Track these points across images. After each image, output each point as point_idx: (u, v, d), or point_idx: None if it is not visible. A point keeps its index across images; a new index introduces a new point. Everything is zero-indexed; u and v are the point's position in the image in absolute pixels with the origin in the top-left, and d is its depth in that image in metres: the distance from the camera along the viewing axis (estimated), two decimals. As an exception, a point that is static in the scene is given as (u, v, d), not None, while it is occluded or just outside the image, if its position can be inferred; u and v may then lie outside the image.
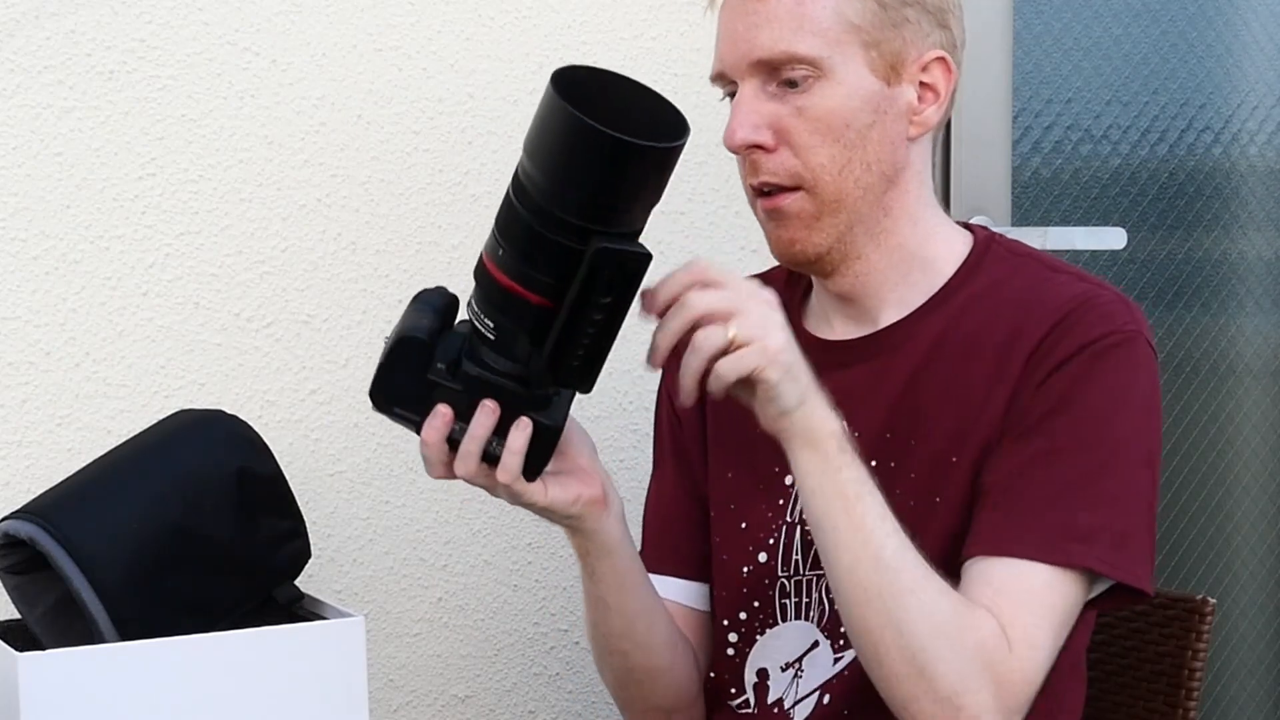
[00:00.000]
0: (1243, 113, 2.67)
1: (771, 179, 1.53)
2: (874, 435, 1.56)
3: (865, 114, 1.53)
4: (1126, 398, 1.49)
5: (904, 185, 1.56)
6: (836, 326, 1.62)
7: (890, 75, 1.54)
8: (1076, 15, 2.54)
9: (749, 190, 1.57)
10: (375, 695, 1.98)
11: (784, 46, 1.51)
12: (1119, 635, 1.80)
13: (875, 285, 1.58)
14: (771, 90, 1.53)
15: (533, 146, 1.30)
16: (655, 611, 1.61)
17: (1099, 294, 1.53)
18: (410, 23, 2.00)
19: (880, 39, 1.52)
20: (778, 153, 1.53)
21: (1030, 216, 2.50)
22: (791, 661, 1.60)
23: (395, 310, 2.01)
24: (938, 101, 1.56)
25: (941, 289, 1.58)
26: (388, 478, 2.01)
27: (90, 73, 1.85)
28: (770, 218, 1.55)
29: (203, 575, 1.63)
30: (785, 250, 1.56)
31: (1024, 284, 1.56)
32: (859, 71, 1.52)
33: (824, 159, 1.52)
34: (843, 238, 1.55)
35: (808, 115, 1.51)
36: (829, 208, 1.53)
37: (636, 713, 1.67)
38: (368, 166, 1.98)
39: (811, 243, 1.55)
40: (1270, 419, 2.74)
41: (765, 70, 1.52)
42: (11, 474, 1.83)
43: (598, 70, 1.32)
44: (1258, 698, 2.76)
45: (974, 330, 1.54)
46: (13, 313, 1.83)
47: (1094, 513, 1.46)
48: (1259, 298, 2.72)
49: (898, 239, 1.57)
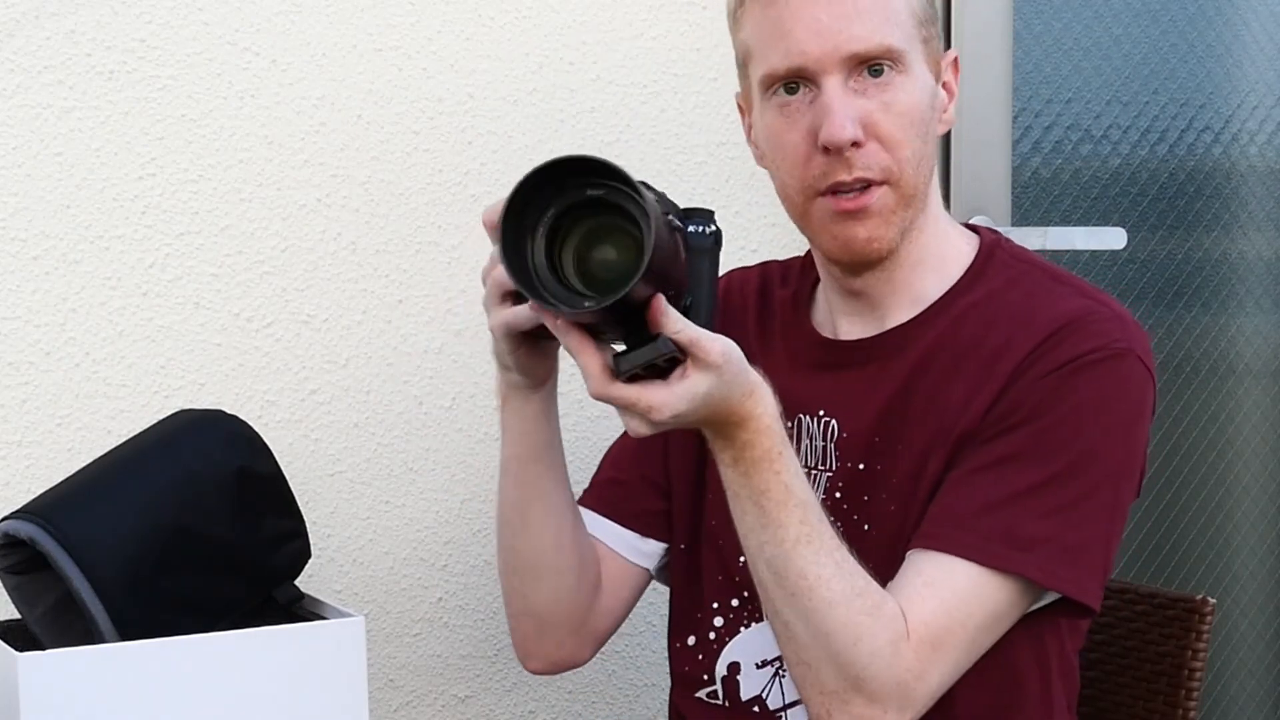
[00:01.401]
0: (1243, 113, 2.67)
1: (865, 174, 1.51)
2: (864, 439, 1.57)
3: (930, 109, 1.55)
4: (1100, 414, 1.49)
5: (934, 182, 1.59)
6: (843, 327, 1.62)
7: (936, 71, 1.56)
8: (1076, 15, 2.54)
9: (812, 189, 1.53)
10: (375, 695, 1.98)
11: (879, 39, 1.50)
12: (1119, 635, 1.80)
13: (897, 284, 1.59)
14: (854, 85, 1.51)
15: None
16: (554, 507, 1.61)
17: (1096, 310, 1.52)
18: (410, 23, 1.99)
19: (930, 35, 1.55)
20: (867, 147, 1.51)
21: (1030, 216, 2.50)
22: (770, 660, 1.60)
23: (395, 310, 2.03)
24: (953, 100, 1.60)
25: (946, 294, 1.59)
26: (388, 478, 2.01)
27: (90, 73, 1.85)
28: (848, 216, 1.53)
29: (203, 575, 1.63)
30: (862, 248, 1.54)
31: (1023, 295, 1.56)
32: (922, 66, 1.54)
33: (909, 153, 1.52)
34: (907, 233, 1.56)
35: (894, 110, 1.51)
36: (905, 202, 1.54)
37: (513, 609, 1.68)
38: (368, 166, 1.98)
39: (887, 239, 1.54)
40: (1270, 419, 2.74)
41: (854, 64, 1.51)
42: (11, 474, 1.83)
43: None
44: (1258, 698, 2.76)
45: (968, 340, 1.55)
46: (13, 313, 1.83)
47: (1042, 522, 1.46)
48: (1259, 298, 2.72)
49: (924, 236, 1.58)
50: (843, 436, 1.58)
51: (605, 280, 1.31)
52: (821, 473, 1.59)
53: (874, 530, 1.55)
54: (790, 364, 1.64)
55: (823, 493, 1.58)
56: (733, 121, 2.18)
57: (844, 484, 1.58)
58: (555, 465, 1.59)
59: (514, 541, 1.62)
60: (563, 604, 1.65)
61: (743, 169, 2.19)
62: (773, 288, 1.71)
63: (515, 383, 1.52)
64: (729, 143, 2.17)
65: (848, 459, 1.58)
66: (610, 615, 1.71)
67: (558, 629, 1.67)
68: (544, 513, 1.60)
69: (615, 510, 1.70)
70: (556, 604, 1.65)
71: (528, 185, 1.29)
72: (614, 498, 1.70)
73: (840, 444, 1.58)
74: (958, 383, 1.53)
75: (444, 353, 2.03)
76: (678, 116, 2.14)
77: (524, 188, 1.29)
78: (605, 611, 1.70)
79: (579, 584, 1.65)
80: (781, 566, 1.41)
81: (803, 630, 1.42)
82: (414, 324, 2.01)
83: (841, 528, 1.56)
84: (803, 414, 1.61)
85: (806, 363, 1.63)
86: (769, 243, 2.18)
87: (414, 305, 2.01)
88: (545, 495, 1.60)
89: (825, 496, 1.58)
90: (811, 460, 1.60)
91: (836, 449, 1.59)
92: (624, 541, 1.70)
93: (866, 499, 1.56)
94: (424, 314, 2.02)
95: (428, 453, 2.03)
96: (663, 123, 2.14)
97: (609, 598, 1.70)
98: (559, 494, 1.61)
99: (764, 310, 1.70)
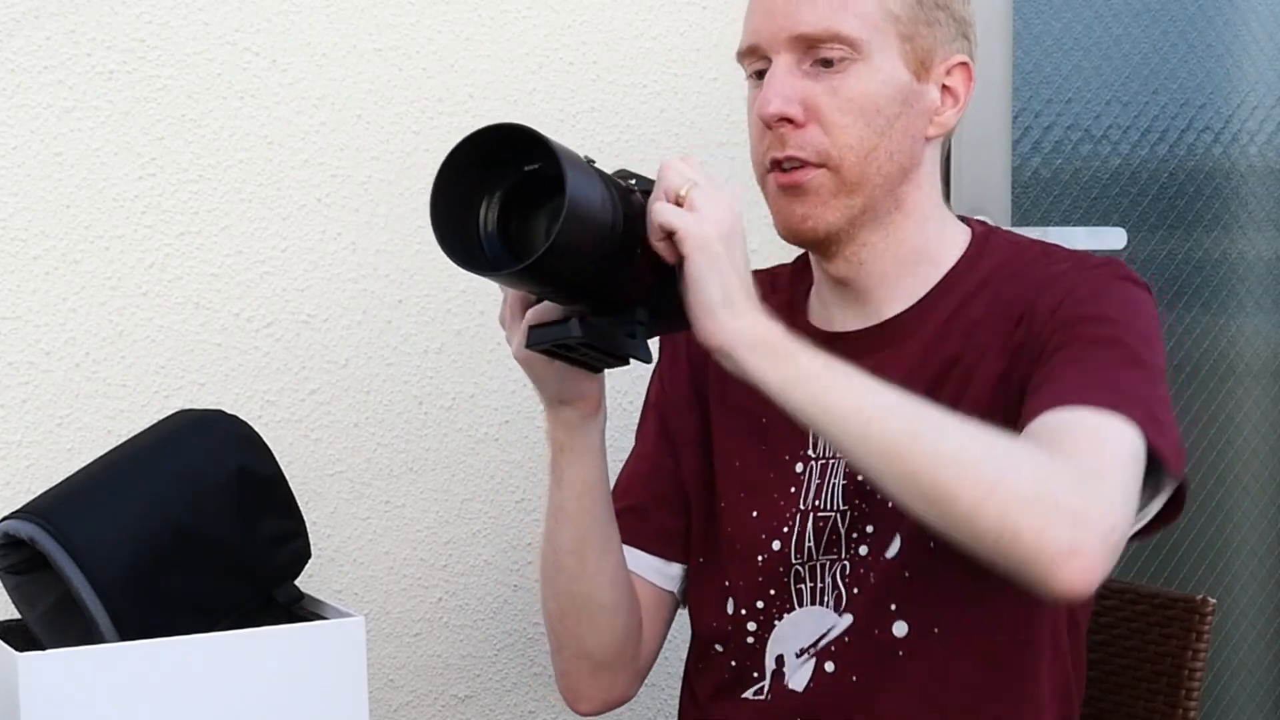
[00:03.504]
0: (1243, 113, 2.67)
1: (798, 153, 1.54)
2: None
3: (894, 103, 1.55)
4: (1135, 307, 1.51)
5: (917, 181, 1.59)
6: (838, 319, 1.63)
7: (920, 71, 1.57)
8: (1076, 15, 2.54)
9: (763, 165, 1.58)
10: (375, 695, 1.98)
11: (827, 24, 1.53)
12: (1119, 635, 1.80)
13: (878, 276, 1.60)
14: (805, 68, 1.54)
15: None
16: (610, 545, 1.61)
17: (1095, 258, 1.56)
18: (410, 23, 2.00)
19: (914, 34, 1.56)
20: (807, 129, 1.54)
21: (1030, 216, 2.50)
22: (807, 647, 1.61)
23: (395, 310, 2.03)
24: (956, 106, 1.61)
25: (943, 280, 1.60)
26: (388, 478, 2.01)
27: (90, 73, 1.85)
28: (785, 192, 1.56)
29: (202, 575, 1.63)
30: (796, 226, 1.57)
31: (1024, 264, 1.58)
32: (893, 61, 1.55)
33: (852, 140, 1.54)
34: (853, 221, 1.57)
35: (841, 95, 1.53)
36: (847, 188, 1.55)
37: (566, 654, 1.67)
38: (368, 166, 1.98)
39: (823, 220, 1.56)
40: (1270, 419, 2.74)
41: (803, 46, 1.54)
42: (11, 474, 1.83)
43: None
44: (1258, 698, 2.76)
45: (978, 315, 1.56)
46: (13, 313, 1.83)
47: (1142, 389, 1.44)
48: (1259, 298, 2.72)
49: (905, 234, 1.59)
50: None
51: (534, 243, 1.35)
52: (838, 461, 1.59)
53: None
54: None
55: (842, 478, 1.59)
56: (733, 121, 2.19)
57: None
58: (608, 501, 1.60)
59: (571, 586, 1.62)
60: (618, 642, 1.65)
61: (743, 169, 2.18)
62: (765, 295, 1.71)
63: (569, 420, 1.52)
64: (729, 143, 2.17)
65: None
66: (652, 645, 1.71)
67: (611, 668, 1.67)
68: (601, 551, 1.60)
69: (638, 538, 1.69)
70: (612, 643, 1.65)
71: (457, 161, 1.34)
72: (634, 525, 1.69)
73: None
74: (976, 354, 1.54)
75: (444, 353, 2.03)
76: (678, 116, 2.14)
77: (453, 162, 1.35)
78: (647, 641, 1.70)
79: (631, 620, 1.66)
80: (934, 439, 1.32)
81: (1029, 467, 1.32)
82: (414, 324, 2.01)
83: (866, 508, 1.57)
84: None
85: None
86: (769, 243, 2.18)
87: (414, 305, 2.01)
88: (602, 532, 1.60)
89: (845, 480, 1.58)
90: (829, 451, 1.60)
91: None
92: (652, 568, 1.70)
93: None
94: (424, 314, 2.02)
95: (428, 453, 2.03)
96: (663, 123, 2.14)
97: (648, 626, 1.70)
98: (613, 528, 1.62)
99: None
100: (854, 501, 1.58)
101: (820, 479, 1.61)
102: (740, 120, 2.20)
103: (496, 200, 1.36)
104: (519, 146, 1.33)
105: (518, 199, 1.36)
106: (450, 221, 1.34)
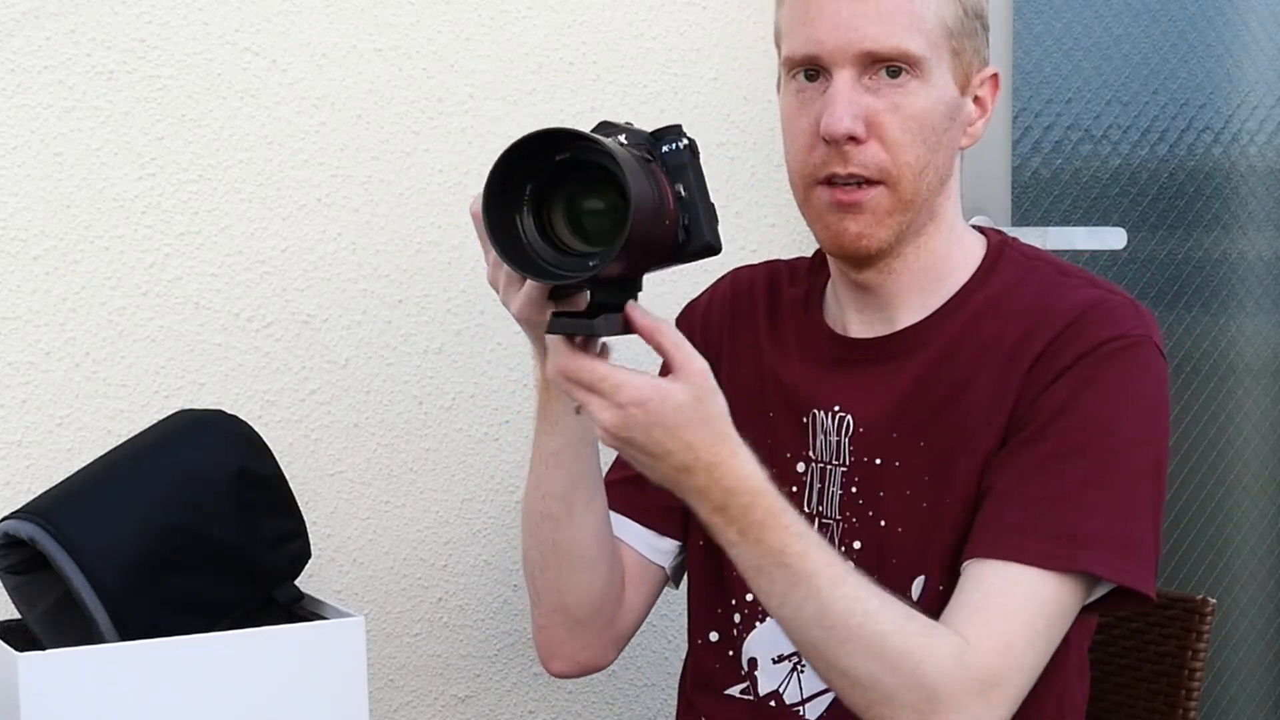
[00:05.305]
0: (1243, 113, 2.67)
1: (861, 171, 1.53)
2: (879, 434, 1.57)
3: (945, 119, 1.55)
4: (1131, 402, 1.50)
5: (948, 192, 1.59)
6: (853, 324, 1.63)
7: (964, 85, 1.57)
8: (1076, 15, 2.54)
9: (813, 177, 1.55)
10: (375, 695, 1.98)
11: (896, 42, 1.51)
12: (1119, 635, 1.80)
13: (903, 285, 1.59)
14: (866, 82, 1.53)
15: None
16: (598, 494, 1.61)
17: (1108, 299, 1.53)
18: (410, 23, 2.00)
19: (961, 48, 1.55)
20: (868, 145, 1.53)
21: (1030, 216, 2.50)
22: (786, 655, 1.60)
23: (395, 310, 2.03)
24: (984, 116, 1.60)
25: (957, 294, 1.59)
26: (388, 478, 2.01)
27: (90, 73, 1.85)
28: (840, 209, 1.54)
29: (203, 575, 1.63)
30: (851, 243, 1.56)
31: (1035, 290, 1.57)
32: (945, 77, 1.55)
33: (910, 158, 1.53)
34: (901, 236, 1.56)
35: (902, 112, 1.52)
36: (902, 205, 1.54)
37: (544, 608, 1.67)
38: (368, 166, 1.98)
39: (877, 238, 1.55)
40: (1270, 419, 2.74)
41: (867, 62, 1.52)
42: (11, 474, 1.83)
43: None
44: (1258, 698, 2.76)
45: (986, 336, 1.55)
46: (13, 313, 1.83)
47: (1097, 517, 1.47)
48: (1259, 298, 2.72)
49: (934, 243, 1.59)
50: (858, 431, 1.59)
51: (599, 231, 1.33)
52: (836, 467, 1.60)
53: (893, 526, 1.56)
54: (803, 359, 1.65)
55: (838, 486, 1.59)
56: (733, 121, 2.19)
57: (859, 479, 1.58)
58: (595, 449, 1.59)
59: (555, 534, 1.61)
60: (596, 598, 1.65)
61: (743, 169, 2.19)
62: (781, 286, 1.72)
63: None
64: (729, 143, 2.17)
65: (863, 454, 1.58)
66: (632, 614, 1.71)
67: (587, 626, 1.67)
68: (588, 499, 1.60)
69: (633, 508, 1.70)
70: (590, 598, 1.65)
71: (500, 170, 1.31)
72: (631, 495, 1.69)
73: (855, 439, 1.59)
74: (977, 380, 1.53)
75: (444, 353, 2.03)
76: (678, 116, 2.14)
77: (497, 173, 1.31)
78: (628, 610, 1.70)
79: (611, 576, 1.66)
80: (827, 617, 1.39)
81: (867, 669, 1.40)
82: (414, 324, 2.01)
83: (856, 522, 1.56)
84: (816, 409, 1.61)
85: (819, 358, 1.64)
86: (769, 243, 2.18)
87: (414, 305, 2.01)
88: (590, 480, 1.60)
89: (841, 490, 1.59)
90: (826, 455, 1.61)
91: (851, 444, 1.59)
92: (642, 539, 1.70)
93: (882, 495, 1.57)
94: (424, 314, 2.02)
95: (428, 453, 2.03)
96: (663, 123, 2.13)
97: (631, 596, 1.70)
98: (599, 478, 1.62)
99: (773, 308, 1.70)
100: (845, 514, 1.59)
101: (821, 483, 1.61)
102: (741, 120, 2.20)
103: (529, 201, 1.34)
104: (549, 141, 1.32)
105: (546, 191, 1.35)
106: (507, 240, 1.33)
